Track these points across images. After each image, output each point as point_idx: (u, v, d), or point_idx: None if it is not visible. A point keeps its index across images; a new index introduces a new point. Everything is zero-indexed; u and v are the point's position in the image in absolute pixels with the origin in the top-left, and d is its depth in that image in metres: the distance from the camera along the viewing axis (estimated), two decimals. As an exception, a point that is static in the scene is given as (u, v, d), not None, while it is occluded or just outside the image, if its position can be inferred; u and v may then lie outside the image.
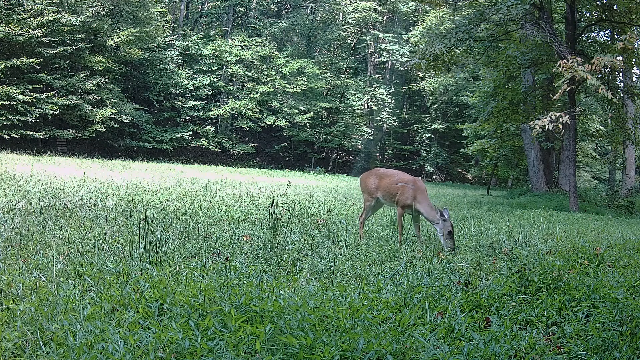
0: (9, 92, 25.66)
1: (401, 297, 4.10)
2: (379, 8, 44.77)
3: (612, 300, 4.09)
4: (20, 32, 26.55)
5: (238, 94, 39.22)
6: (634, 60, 16.70)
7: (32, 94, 26.58)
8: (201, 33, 40.88)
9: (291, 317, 3.39)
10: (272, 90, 38.46)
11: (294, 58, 40.06)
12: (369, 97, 44.12)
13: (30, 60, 26.60)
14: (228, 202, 10.42)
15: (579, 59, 14.65)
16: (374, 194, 7.56)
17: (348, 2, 43.71)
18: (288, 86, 38.59)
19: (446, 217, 6.69)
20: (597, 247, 6.45)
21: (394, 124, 44.46)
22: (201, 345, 2.94)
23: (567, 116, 15.34)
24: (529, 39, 18.65)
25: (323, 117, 42.85)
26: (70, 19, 28.09)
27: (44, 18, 27.53)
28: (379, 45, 44.99)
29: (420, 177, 8.21)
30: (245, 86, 39.04)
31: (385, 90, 44.15)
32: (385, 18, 47.59)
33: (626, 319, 3.74)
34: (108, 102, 30.50)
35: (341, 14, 44.35)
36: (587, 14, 19.94)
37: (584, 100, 24.18)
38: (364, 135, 44.06)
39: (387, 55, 44.94)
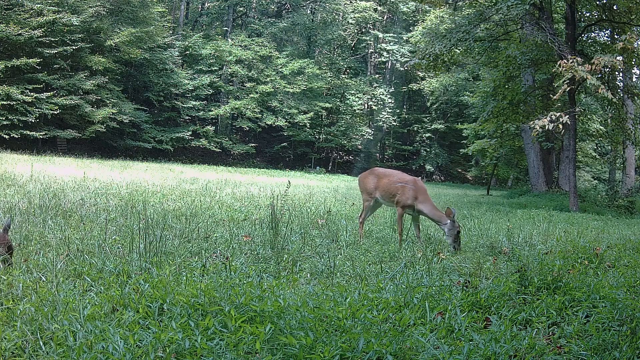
0: (9, 92, 25.64)
1: (401, 297, 4.10)
2: (379, 8, 44.75)
3: (612, 300, 4.10)
4: (20, 32, 26.52)
5: (238, 94, 39.20)
6: (634, 60, 16.70)
7: (32, 94, 26.55)
8: (201, 33, 40.86)
9: (291, 317, 3.40)
10: (272, 90, 38.43)
11: (294, 58, 40.04)
12: (369, 97, 44.11)
13: (30, 60, 26.57)
14: (228, 202, 10.42)
15: (579, 59, 14.65)
16: (372, 194, 7.54)
17: (348, 2, 43.70)
18: (288, 86, 38.58)
19: (453, 215, 6.69)
20: (597, 247, 6.45)
21: (394, 124, 44.44)
22: (201, 345, 2.94)
23: (567, 116, 15.34)
24: (529, 39, 18.64)
25: (323, 117, 42.84)
26: (70, 19, 28.07)
27: (44, 18, 27.50)
28: (379, 45, 44.98)
29: (420, 177, 8.20)
30: (245, 86, 39.02)
31: (385, 90, 44.14)
32: (385, 18, 47.57)
33: (626, 319, 3.74)
34: (108, 102, 30.47)
35: (341, 14, 44.33)
36: (587, 14, 19.94)
37: (584, 100, 24.17)
38: (364, 135, 44.03)
39: (387, 55, 44.93)
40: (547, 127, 15.06)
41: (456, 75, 37.48)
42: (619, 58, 15.57)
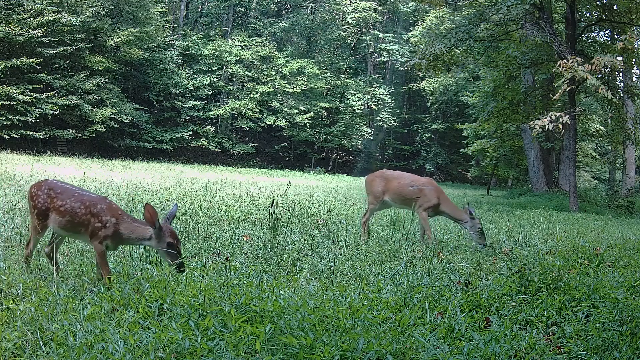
0: (9, 92, 25.64)
1: (401, 297, 4.10)
2: (379, 8, 44.72)
3: (612, 300, 4.10)
4: (20, 32, 26.52)
5: (238, 94, 39.20)
6: (634, 60, 16.73)
7: (32, 94, 26.56)
8: (201, 33, 40.86)
9: (291, 317, 3.39)
10: (272, 90, 38.42)
11: (294, 58, 40.04)
12: (369, 97, 44.10)
13: (30, 60, 26.57)
14: (228, 202, 10.42)
15: (579, 59, 14.65)
16: (380, 198, 7.38)
17: (348, 2, 43.67)
18: (288, 86, 38.58)
19: (474, 216, 6.64)
20: (597, 247, 6.46)
21: (394, 124, 44.43)
22: (201, 345, 2.94)
23: (567, 116, 15.35)
24: (529, 39, 18.65)
25: (323, 117, 42.83)
26: (70, 19, 28.07)
27: (44, 18, 27.51)
28: (379, 45, 44.96)
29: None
30: (245, 86, 39.02)
31: (385, 90, 44.11)
32: (385, 18, 47.54)
33: (626, 319, 3.74)
34: (108, 102, 30.48)
35: (341, 14, 44.30)
36: (587, 14, 19.94)
37: (584, 100, 24.17)
38: (364, 135, 44.02)
39: (387, 55, 44.91)
40: (547, 127, 15.07)
41: (456, 75, 37.47)
42: (619, 58, 15.58)
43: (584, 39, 19.62)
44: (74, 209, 4.10)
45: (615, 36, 20.55)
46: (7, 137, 25.71)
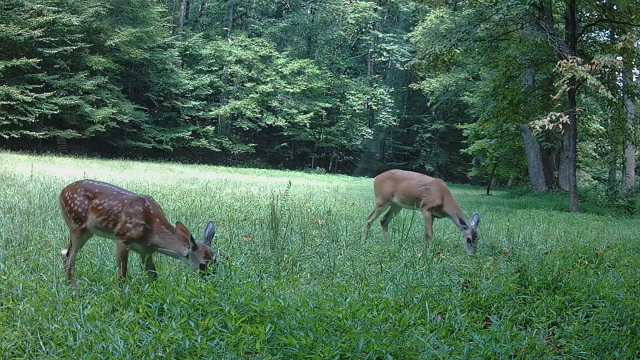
0: (9, 92, 25.65)
1: (401, 297, 4.10)
2: (379, 8, 44.72)
3: (612, 300, 4.10)
4: (20, 32, 26.53)
5: (238, 94, 39.22)
6: (634, 60, 16.72)
7: (32, 94, 26.57)
8: (201, 33, 40.86)
9: (291, 317, 3.40)
10: (272, 90, 38.44)
11: (294, 58, 40.05)
12: (369, 97, 44.09)
13: (30, 60, 26.58)
14: (228, 202, 10.41)
15: (579, 59, 14.65)
16: (389, 200, 7.34)
17: (348, 2, 43.66)
18: (288, 86, 38.59)
19: (467, 225, 6.61)
20: (597, 247, 6.46)
21: (394, 124, 44.43)
22: (201, 345, 2.94)
23: (567, 116, 15.34)
24: (529, 39, 18.65)
25: (323, 117, 42.82)
26: (70, 19, 28.08)
27: (44, 18, 27.51)
28: (379, 45, 44.96)
29: None
30: (245, 86, 39.03)
31: (385, 90, 44.11)
32: (385, 18, 47.53)
33: (626, 319, 3.74)
34: (108, 102, 30.48)
35: (341, 14, 44.29)
36: (587, 14, 19.93)
37: (584, 100, 24.15)
38: (364, 135, 44.03)
39: (387, 55, 44.89)
40: (547, 127, 15.06)
41: (456, 75, 37.42)
42: (619, 58, 15.58)
43: (584, 39, 19.60)
44: (112, 207, 4.04)
45: (615, 36, 20.54)
46: (7, 137, 25.72)
